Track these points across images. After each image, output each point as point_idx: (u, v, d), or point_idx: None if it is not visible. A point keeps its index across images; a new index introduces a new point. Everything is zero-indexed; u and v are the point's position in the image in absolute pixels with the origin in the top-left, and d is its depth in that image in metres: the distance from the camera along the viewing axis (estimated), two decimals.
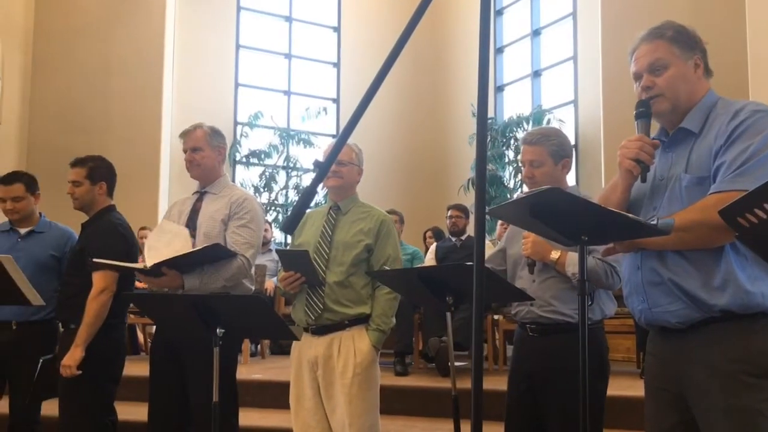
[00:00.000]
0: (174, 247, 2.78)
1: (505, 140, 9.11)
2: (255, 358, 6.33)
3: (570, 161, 2.61)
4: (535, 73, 9.62)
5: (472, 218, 5.18)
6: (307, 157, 9.69)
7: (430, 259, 6.07)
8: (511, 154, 9.07)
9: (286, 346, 6.76)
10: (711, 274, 1.67)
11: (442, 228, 6.97)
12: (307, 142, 9.95)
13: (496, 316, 5.43)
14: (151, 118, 8.67)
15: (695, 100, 1.82)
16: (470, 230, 6.17)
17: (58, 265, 3.46)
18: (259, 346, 6.56)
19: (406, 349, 5.29)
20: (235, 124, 9.88)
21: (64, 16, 8.77)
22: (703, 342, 1.70)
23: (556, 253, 2.43)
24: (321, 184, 1.20)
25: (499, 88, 10.15)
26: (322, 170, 1.10)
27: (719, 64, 1.92)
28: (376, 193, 7.37)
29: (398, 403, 4.27)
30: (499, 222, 6.17)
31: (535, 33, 9.68)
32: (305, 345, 2.81)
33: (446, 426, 3.34)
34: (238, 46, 10.10)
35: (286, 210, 9.72)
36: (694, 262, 1.70)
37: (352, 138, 1.82)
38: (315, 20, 10.81)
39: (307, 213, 3.07)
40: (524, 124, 8.86)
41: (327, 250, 2.79)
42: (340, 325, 2.75)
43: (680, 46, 1.81)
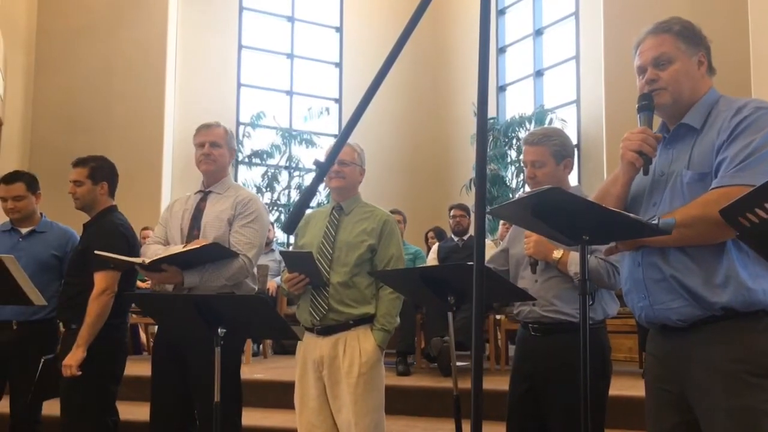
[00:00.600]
0: (172, 251, 2.81)
1: (507, 140, 9.11)
2: (257, 358, 6.33)
3: (572, 161, 2.61)
4: (538, 73, 9.62)
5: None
6: (310, 157, 9.70)
7: (432, 259, 6.07)
8: (513, 154, 9.07)
9: (289, 346, 6.78)
10: (713, 271, 1.67)
11: (444, 228, 6.96)
12: (310, 142, 9.96)
13: (498, 316, 5.42)
14: (153, 118, 8.68)
15: (697, 97, 1.81)
16: (473, 230, 6.16)
17: (60, 265, 3.47)
18: (261, 346, 6.56)
19: (408, 348, 5.29)
20: (238, 124, 9.89)
21: (66, 17, 8.79)
22: (705, 341, 1.69)
23: (558, 253, 2.42)
24: (322, 184, 1.20)
25: (501, 88, 10.14)
26: (323, 170, 1.10)
27: (721, 62, 1.91)
28: (378, 193, 7.38)
29: (400, 402, 4.27)
30: (502, 222, 6.17)
31: (538, 33, 9.68)
32: (310, 345, 2.81)
33: (448, 426, 3.34)
34: (240, 46, 10.11)
35: (288, 210, 9.73)
36: (696, 259, 1.69)
37: (353, 138, 1.83)
38: (317, 20, 10.82)
39: (310, 213, 3.08)
40: (526, 123, 8.86)
41: (330, 251, 2.79)
42: (345, 325, 2.75)
43: (686, 42, 1.81)
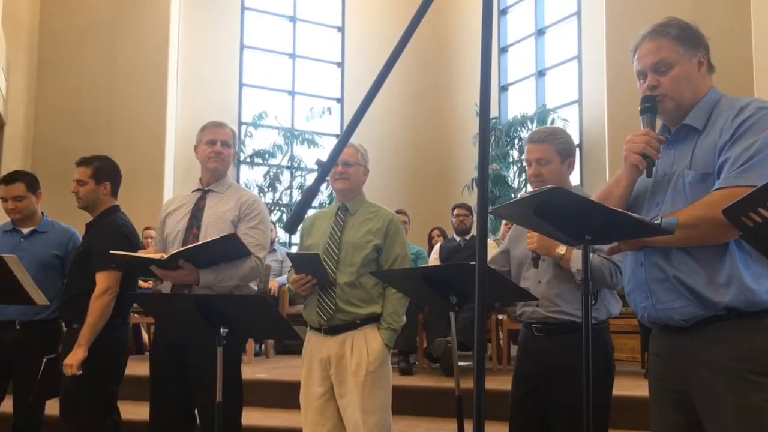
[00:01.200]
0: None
1: (509, 140, 9.10)
2: (259, 358, 6.33)
3: (574, 161, 2.60)
4: (540, 73, 9.61)
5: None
6: (312, 157, 9.70)
7: (434, 259, 6.07)
8: (516, 154, 9.07)
9: (291, 345, 6.79)
10: (716, 271, 1.66)
11: (446, 228, 6.96)
12: (312, 142, 9.96)
13: (500, 316, 5.42)
14: (155, 118, 8.68)
15: (699, 98, 1.81)
16: (475, 229, 6.16)
17: (61, 265, 3.47)
18: (263, 346, 6.56)
19: (410, 348, 5.29)
20: (240, 124, 9.89)
21: (69, 16, 8.79)
22: (708, 341, 1.69)
23: (562, 249, 2.41)
24: (323, 184, 1.20)
25: (503, 88, 10.14)
26: (324, 170, 1.10)
27: (724, 62, 1.91)
28: (380, 192, 7.36)
29: (402, 402, 4.25)
30: (504, 222, 6.16)
31: (540, 32, 9.67)
32: (317, 344, 2.82)
33: (450, 426, 3.33)
34: (242, 46, 10.12)
35: (290, 210, 9.73)
36: (699, 259, 1.69)
37: (355, 138, 1.82)
38: (319, 20, 10.82)
39: (315, 214, 3.09)
40: (528, 123, 8.85)
41: (336, 251, 2.80)
42: (352, 325, 2.77)
43: (684, 45, 1.80)
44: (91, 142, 7.23)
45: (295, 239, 9.61)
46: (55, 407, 3.13)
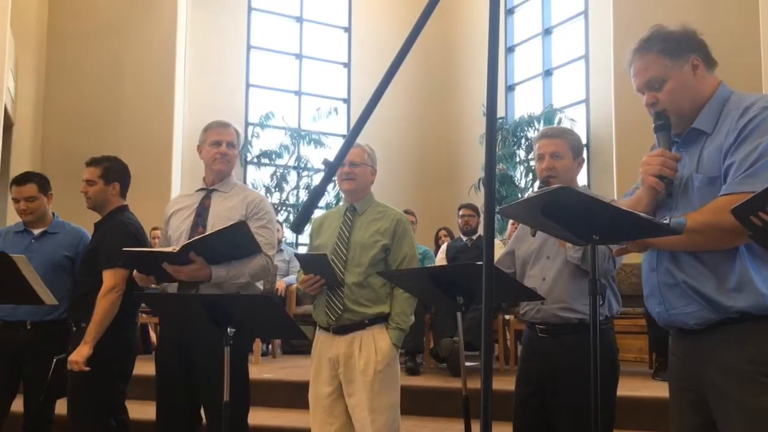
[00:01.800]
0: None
1: (516, 140, 9.08)
2: (266, 358, 6.34)
3: (583, 161, 2.61)
4: (547, 72, 9.59)
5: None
6: (318, 157, 9.70)
7: (441, 259, 6.06)
8: (522, 154, 9.05)
9: (298, 345, 6.80)
10: (726, 276, 1.66)
11: (453, 228, 6.95)
12: (318, 143, 9.97)
13: (507, 316, 5.41)
14: (162, 119, 8.71)
15: (702, 100, 1.79)
16: (482, 229, 6.15)
17: (71, 265, 3.49)
18: (270, 346, 6.58)
19: (417, 348, 5.29)
20: (246, 124, 9.91)
21: (76, 19, 8.83)
22: (720, 342, 1.68)
23: None
24: (330, 184, 1.20)
25: (510, 88, 10.11)
26: (331, 170, 1.11)
27: (732, 63, 1.89)
28: (387, 192, 7.34)
29: (409, 402, 4.24)
30: (510, 222, 6.15)
31: (547, 32, 9.65)
32: (326, 343, 2.84)
33: (457, 426, 3.34)
34: (249, 47, 10.14)
35: (297, 210, 9.74)
36: (708, 264, 1.68)
37: (362, 138, 1.83)
38: (325, 20, 10.83)
39: (324, 214, 3.09)
40: (535, 123, 8.82)
41: (345, 251, 2.81)
42: (361, 325, 2.78)
43: (671, 56, 1.78)
44: (98, 143, 7.26)
45: (302, 239, 9.63)
46: (65, 407, 3.15)
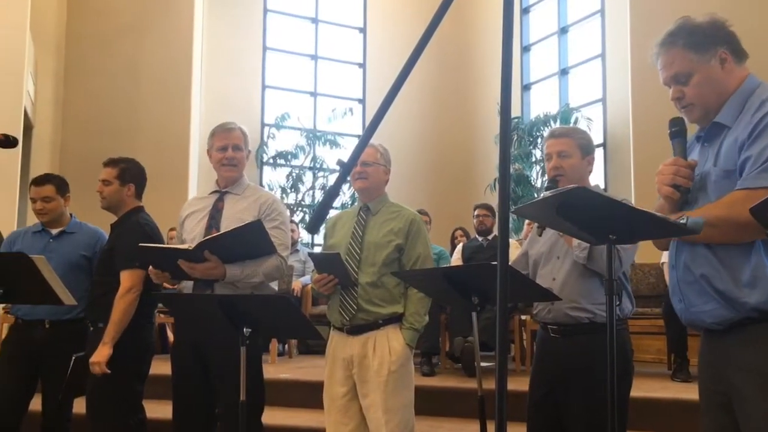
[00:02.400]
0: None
1: (531, 139, 9.04)
2: (282, 358, 6.37)
3: (593, 160, 2.58)
4: (563, 71, 9.54)
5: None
6: (334, 157, 9.72)
7: (456, 259, 6.05)
8: (538, 154, 9.00)
9: (314, 345, 6.81)
10: (739, 270, 1.64)
11: (469, 228, 6.93)
12: (334, 143, 10.00)
13: (523, 317, 5.39)
14: (179, 121, 8.78)
15: (728, 94, 1.76)
16: (497, 229, 6.13)
17: (89, 265, 3.52)
18: (286, 346, 6.60)
19: (433, 349, 5.28)
20: (263, 125, 9.96)
21: (95, 21, 8.92)
22: (740, 343, 1.66)
23: None
24: (346, 184, 1.20)
25: (526, 87, 10.08)
26: (345, 170, 1.11)
27: (753, 59, 1.86)
28: (402, 193, 7.34)
29: (425, 403, 4.25)
30: (526, 222, 6.12)
31: (563, 31, 9.60)
32: (340, 344, 2.84)
33: (472, 427, 3.32)
34: (264, 48, 10.19)
35: (313, 210, 9.77)
36: (723, 259, 1.66)
37: (377, 138, 1.83)
38: (341, 21, 10.86)
39: (338, 214, 3.10)
40: (551, 122, 8.77)
41: (358, 251, 2.81)
42: (374, 325, 2.77)
43: (697, 50, 1.75)
44: (116, 144, 7.32)
45: (318, 239, 9.65)
46: (82, 406, 3.18)
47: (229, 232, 2.73)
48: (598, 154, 8.71)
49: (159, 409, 3.50)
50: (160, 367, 3.52)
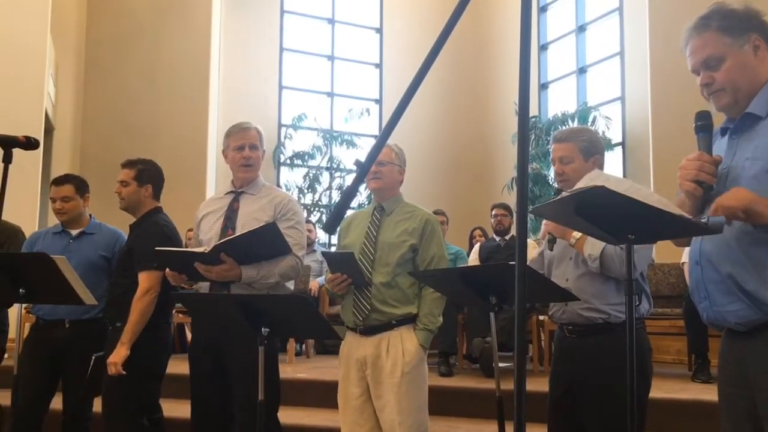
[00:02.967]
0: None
1: (549, 138, 8.98)
2: (300, 358, 6.38)
3: (600, 159, 2.57)
4: (581, 70, 9.47)
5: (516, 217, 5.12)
6: (350, 157, 9.75)
7: (473, 259, 6.02)
8: None
9: (331, 345, 6.83)
10: (766, 269, 1.58)
11: (487, 228, 6.90)
12: (350, 143, 10.02)
13: (542, 317, 5.35)
14: (197, 121, 8.85)
15: (761, 84, 1.70)
16: (515, 229, 6.10)
17: (108, 265, 3.55)
18: (304, 346, 6.62)
19: (450, 349, 5.27)
20: (280, 126, 10.00)
21: (114, 24, 9.02)
22: (765, 345, 1.61)
23: (578, 233, 2.39)
24: (363, 184, 1.20)
25: (543, 86, 10.02)
26: (363, 170, 1.10)
27: None
28: (419, 192, 7.35)
29: (442, 403, 4.25)
30: (544, 221, 6.09)
31: (581, 29, 9.53)
32: (354, 344, 2.83)
33: (490, 427, 3.31)
34: (281, 49, 10.23)
35: (330, 211, 9.80)
36: (752, 258, 1.60)
37: (394, 138, 1.82)
38: (357, 22, 10.87)
39: (353, 214, 3.09)
40: (569, 121, 8.72)
41: (372, 251, 2.80)
42: (388, 325, 2.76)
43: (731, 34, 1.70)
44: (135, 145, 7.40)
45: (335, 239, 9.67)
46: (100, 405, 3.20)
47: (244, 234, 2.75)
48: (617, 153, 8.64)
49: (177, 409, 3.53)
50: (178, 367, 3.54)
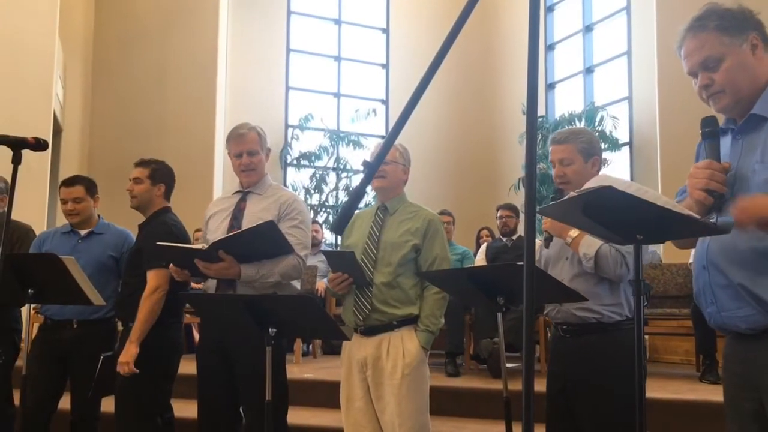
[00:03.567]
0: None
1: None
2: (307, 358, 6.39)
3: (599, 160, 2.57)
4: (588, 70, 9.44)
5: (522, 217, 5.11)
6: (357, 158, 9.76)
7: (480, 260, 6.01)
8: None
9: (338, 346, 6.80)
10: None
11: (493, 228, 6.89)
12: (357, 144, 10.02)
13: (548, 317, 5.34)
14: (205, 122, 8.88)
15: (761, 84, 1.68)
16: (521, 230, 6.08)
17: (117, 265, 3.57)
18: (311, 346, 6.63)
19: (457, 349, 5.26)
20: (286, 126, 10.02)
21: (121, 26, 9.06)
22: None
23: (574, 232, 2.40)
24: (369, 185, 1.20)
25: (551, 86, 10.00)
26: (370, 170, 1.11)
27: None
28: (426, 193, 7.36)
29: (449, 404, 4.25)
30: (543, 219, 6.06)
31: (588, 29, 9.51)
32: (355, 345, 2.82)
33: (497, 428, 3.31)
34: (288, 50, 10.25)
35: (336, 211, 9.80)
36: (762, 263, 1.58)
37: (401, 139, 1.82)
38: (364, 22, 10.89)
39: (357, 214, 3.07)
40: (576, 121, 8.70)
41: (374, 251, 2.78)
42: (389, 326, 2.74)
43: (729, 33, 1.67)
44: (142, 146, 7.42)
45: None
46: (110, 405, 3.22)
47: (242, 232, 2.76)
48: (624, 153, 8.62)
49: (184, 408, 3.53)
50: (186, 367, 3.55)
